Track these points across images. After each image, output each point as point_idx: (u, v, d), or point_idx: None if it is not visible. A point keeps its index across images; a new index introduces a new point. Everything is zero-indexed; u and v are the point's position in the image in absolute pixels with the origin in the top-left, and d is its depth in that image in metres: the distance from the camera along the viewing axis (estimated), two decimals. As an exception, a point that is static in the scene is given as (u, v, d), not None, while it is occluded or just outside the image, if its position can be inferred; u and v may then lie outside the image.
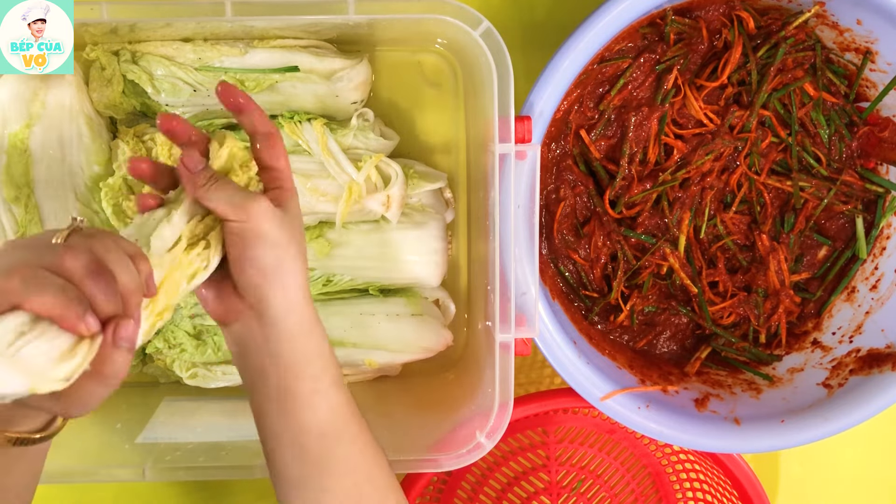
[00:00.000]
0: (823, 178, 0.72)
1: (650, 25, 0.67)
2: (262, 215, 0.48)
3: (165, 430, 0.67)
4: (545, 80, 0.60)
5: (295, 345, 0.50)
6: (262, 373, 0.51)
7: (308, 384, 0.50)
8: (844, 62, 0.70)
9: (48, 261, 0.40)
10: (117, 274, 0.41)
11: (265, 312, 0.49)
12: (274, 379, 0.50)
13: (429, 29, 0.66)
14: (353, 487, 0.51)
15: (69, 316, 0.39)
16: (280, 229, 0.49)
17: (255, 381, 0.51)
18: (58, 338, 0.40)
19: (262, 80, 0.65)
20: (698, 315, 0.73)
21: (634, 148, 0.69)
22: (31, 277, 0.39)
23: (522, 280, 0.60)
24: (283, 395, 0.50)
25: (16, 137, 0.62)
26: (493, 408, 0.60)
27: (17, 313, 0.39)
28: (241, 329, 0.51)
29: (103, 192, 0.64)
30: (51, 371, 0.40)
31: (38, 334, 0.39)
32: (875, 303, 0.71)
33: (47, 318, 0.39)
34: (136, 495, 0.79)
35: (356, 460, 0.52)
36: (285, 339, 0.50)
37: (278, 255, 0.49)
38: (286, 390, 0.50)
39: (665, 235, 0.71)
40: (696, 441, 0.66)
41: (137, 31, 0.62)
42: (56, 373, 0.40)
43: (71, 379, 0.40)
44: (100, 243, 0.43)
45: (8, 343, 0.38)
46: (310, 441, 0.50)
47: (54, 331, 0.40)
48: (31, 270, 0.39)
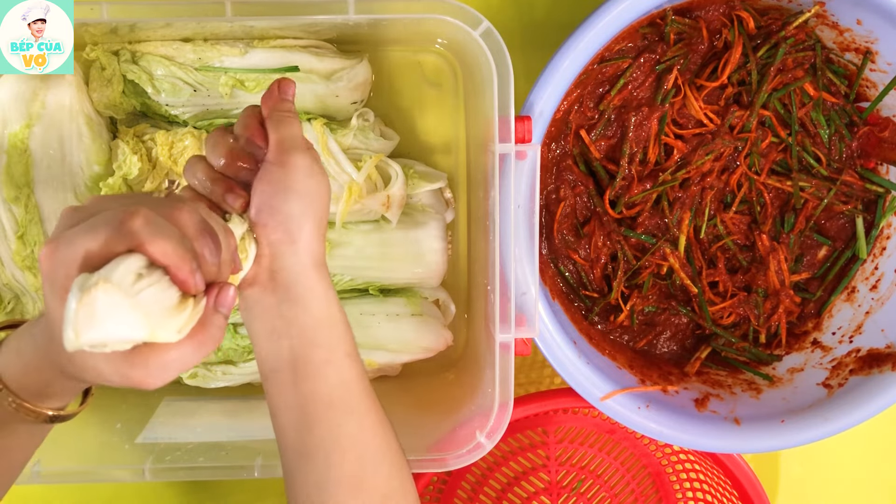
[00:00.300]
0: (823, 178, 0.72)
1: (650, 25, 0.67)
2: (302, 162, 0.48)
3: (165, 430, 0.67)
4: (545, 80, 0.60)
5: (309, 310, 0.49)
6: (272, 336, 0.49)
7: (321, 353, 0.49)
8: (844, 62, 0.70)
9: (165, 211, 0.40)
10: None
11: (279, 273, 0.48)
12: (286, 343, 0.48)
13: (429, 29, 0.66)
14: (357, 463, 0.49)
15: (183, 268, 0.39)
16: (311, 183, 0.48)
17: (265, 345, 0.49)
18: (168, 289, 0.39)
19: (262, 79, 0.65)
20: (698, 315, 0.73)
21: (634, 148, 0.69)
22: (153, 222, 0.39)
23: (522, 280, 0.60)
24: (294, 361, 0.48)
25: (16, 137, 0.63)
26: (493, 408, 0.60)
27: (136, 255, 0.38)
28: (254, 291, 0.49)
29: (103, 192, 0.64)
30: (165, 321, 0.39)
31: (153, 281, 0.39)
32: (875, 303, 0.71)
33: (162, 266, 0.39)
34: (136, 495, 0.79)
35: (364, 437, 0.50)
36: (299, 303, 0.48)
37: (303, 208, 0.48)
38: (297, 357, 0.48)
39: (665, 235, 0.71)
40: (696, 441, 0.66)
41: (137, 31, 0.63)
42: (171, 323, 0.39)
43: (182, 333, 0.40)
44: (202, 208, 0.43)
45: (130, 283, 0.37)
46: (318, 411, 0.48)
47: (166, 282, 0.39)
48: (153, 215, 0.39)
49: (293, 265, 0.48)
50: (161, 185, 0.64)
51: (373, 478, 0.50)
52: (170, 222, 0.40)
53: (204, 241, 0.41)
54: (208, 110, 0.67)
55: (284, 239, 0.48)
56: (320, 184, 0.49)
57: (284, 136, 0.49)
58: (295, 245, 0.48)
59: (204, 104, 0.66)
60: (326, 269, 0.50)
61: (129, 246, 0.38)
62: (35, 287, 0.66)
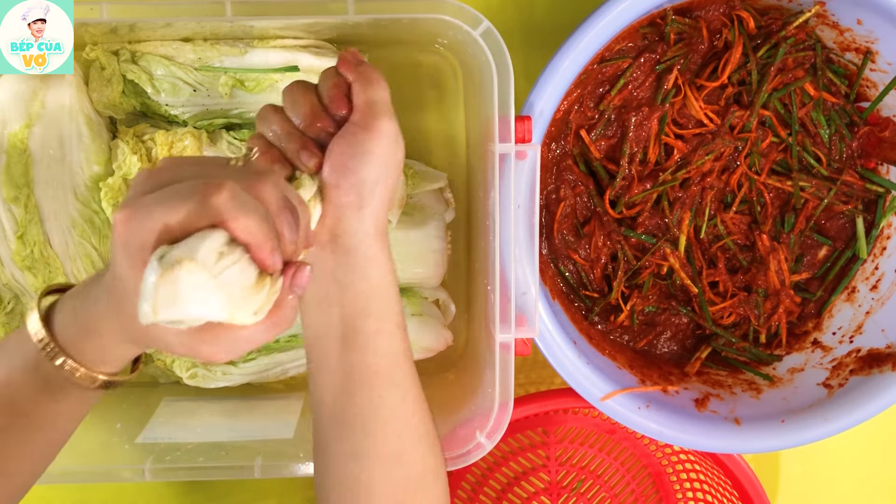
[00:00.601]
0: (824, 178, 0.72)
1: (650, 25, 0.67)
2: (388, 129, 0.47)
3: (165, 430, 0.67)
4: (545, 80, 0.60)
5: (366, 278, 0.47)
6: (324, 301, 0.47)
7: (373, 323, 0.48)
8: (845, 62, 0.70)
9: (248, 184, 0.39)
10: None
11: (341, 237, 0.47)
12: (337, 310, 0.47)
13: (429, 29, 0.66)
14: (396, 438, 0.48)
15: (266, 247, 0.38)
16: (392, 151, 0.48)
17: (315, 310, 0.48)
18: (248, 269, 0.38)
19: (261, 79, 0.65)
20: (698, 315, 0.73)
21: (634, 148, 0.69)
22: (237, 197, 0.37)
23: (522, 280, 0.60)
24: (343, 329, 0.47)
25: (15, 137, 0.62)
26: (493, 408, 0.60)
27: (219, 232, 0.37)
28: (312, 252, 0.47)
29: (103, 191, 0.64)
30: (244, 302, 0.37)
31: (234, 259, 0.37)
32: (875, 303, 0.71)
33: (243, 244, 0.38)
34: (136, 495, 0.79)
35: (405, 412, 0.49)
36: (357, 270, 0.47)
37: (378, 175, 0.47)
38: (348, 325, 0.47)
39: (665, 235, 0.71)
40: (696, 441, 0.66)
41: (137, 31, 0.62)
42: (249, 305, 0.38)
43: (258, 315, 0.39)
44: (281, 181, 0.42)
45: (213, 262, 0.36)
46: (362, 380, 0.47)
47: (246, 260, 0.38)
48: (238, 189, 0.38)
49: (357, 231, 0.47)
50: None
51: (410, 453, 0.49)
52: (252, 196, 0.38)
53: (285, 218, 0.40)
54: (208, 110, 0.67)
55: (354, 203, 0.46)
56: (399, 154, 0.49)
57: (375, 100, 0.48)
58: (362, 210, 0.47)
59: (204, 104, 0.66)
60: (388, 240, 0.49)
61: (213, 222, 0.37)
62: (35, 287, 0.66)
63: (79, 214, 0.65)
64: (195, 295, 0.35)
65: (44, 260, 0.65)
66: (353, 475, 0.48)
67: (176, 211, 0.36)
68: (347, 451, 0.48)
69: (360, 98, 0.48)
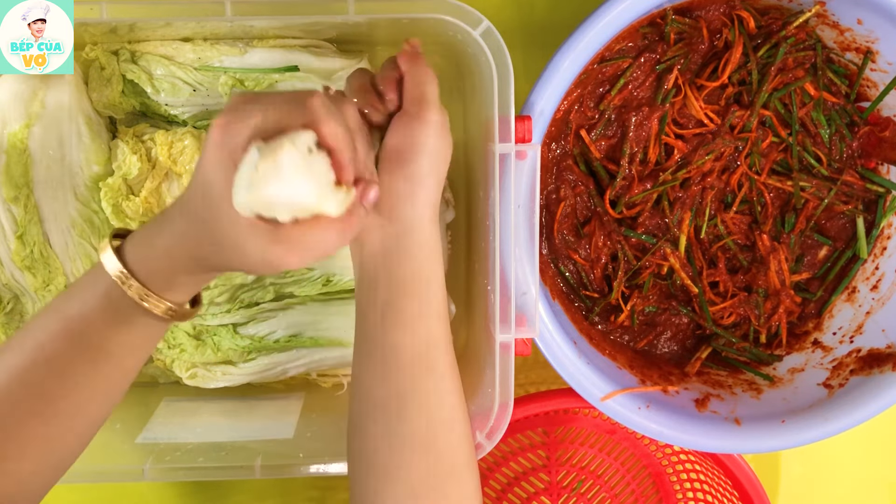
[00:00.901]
0: (824, 178, 0.72)
1: (650, 25, 0.67)
2: (437, 119, 0.50)
3: (165, 430, 0.67)
4: (545, 80, 0.60)
5: (414, 261, 0.49)
6: (372, 283, 0.50)
7: (415, 305, 0.49)
8: (845, 62, 0.70)
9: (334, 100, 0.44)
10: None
11: (391, 223, 0.49)
12: (383, 292, 0.49)
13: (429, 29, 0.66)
14: (427, 423, 0.49)
15: (346, 153, 0.43)
16: (441, 143, 0.50)
17: (363, 291, 0.50)
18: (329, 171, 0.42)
19: (261, 79, 0.65)
20: (699, 315, 0.73)
21: (635, 148, 0.69)
22: (327, 105, 0.43)
23: (522, 280, 0.60)
24: (387, 309, 0.49)
25: (15, 137, 0.62)
26: (493, 408, 0.60)
27: (309, 132, 0.42)
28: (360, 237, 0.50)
29: (103, 192, 0.64)
30: (329, 193, 0.42)
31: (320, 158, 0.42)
32: (876, 303, 0.71)
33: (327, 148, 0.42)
34: (136, 495, 0.79)
35: (440, 398, 0.50)
36: (407, 252, 0.49)
37: (430, 166, 0.49)
38: (392, 306, 0.49)
39: (665, 235, 0.71)
40: (696, 441, 0.66)
41: (137, 31, 0.62)
42: (334, 197, 0.42)
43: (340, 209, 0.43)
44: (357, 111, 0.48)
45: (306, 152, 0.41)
46: (401, 362, 0.49)
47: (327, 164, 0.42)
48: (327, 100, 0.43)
49: (410, 217, 0.49)
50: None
51: (443, 441, 0.49)
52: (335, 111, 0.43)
53: (362, 136, 0.46)
54: (208, 110, 0.67)
55: (407, 191, 0.49)
56: (448, 145, 0.51)
57: (425, 92, 0.50)
58: (415, 198, 0.49)
59: (203, 104, 0.66)
60: (438, 227, 0.51)
61: (306, 121, 0.41)
62: (34, 287, 0.65)
63: (78, 214, 0.65)
64: (293, 176, 0.40)
65: (43, 260, 0.65)
66: (385, 457, 0.48)
67: (276, 110, 0.41)
68: (380, 433, 0.49)
69: (413, 90, 0.50)
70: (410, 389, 0.49)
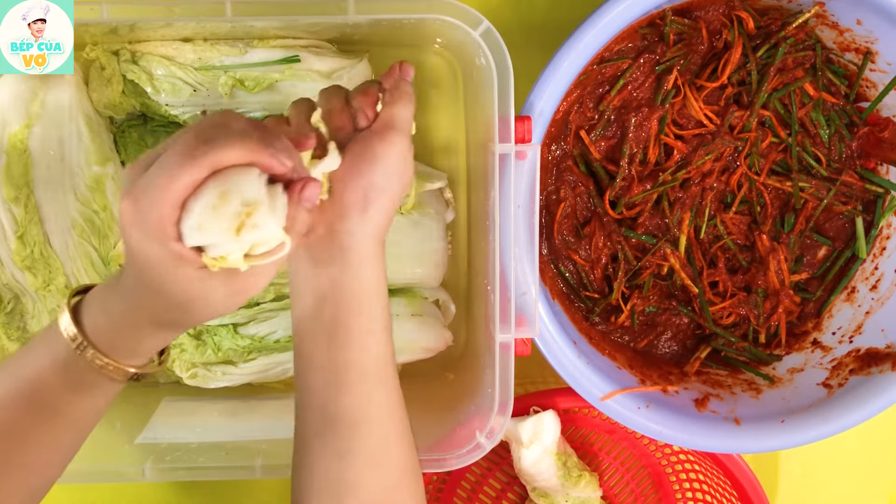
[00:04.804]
0: (823, 178, 0.72)
1: (650, 26, 0.67)
2: (400, 143, 0.49)
3: (165, 430, 0.67)
4: (545, 80, 0.60)
5: (360, 278, 0.49)
6: (316, 297, 0.49)
7: (364, 322, 0.49)
8: (844, 62, 0.70)
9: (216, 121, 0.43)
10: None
11: (340, 234, 0.48)
12: (329, 307, 0.49)
13: (429, 29, 0.66)
14: (382, 436, 0.49)
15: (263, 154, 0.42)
16: (400, 165, 0.49)
17: (307, 305, 0.49)
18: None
19: (261, 79, 0.65)
20: (699, 315, 0.73)
21: (634, 148, 0.69)
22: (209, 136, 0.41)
23: (522, 280, 0.60)
24: (335, 326, 0.49)
25: (15, 137, 0.62)
26: (493, 408, 0.60)
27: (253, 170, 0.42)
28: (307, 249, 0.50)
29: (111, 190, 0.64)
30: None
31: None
32: (875, 303, 0.71)
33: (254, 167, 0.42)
34: (136, 495, 0.79)
35: (391, 411, 0.50)
36: (350, 269, 0.49)
37: (386, 183, 0.48)
38: (339, 322, 0.48)
39: (665, 236, 0.71)
40: (696, 441, 0.66)
41: (137, 31, 0.62)
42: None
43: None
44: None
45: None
46: (350, 379, 0.48)
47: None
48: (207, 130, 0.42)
49: (357, 231, 0.48)
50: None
51: (394, 452, 0.50)
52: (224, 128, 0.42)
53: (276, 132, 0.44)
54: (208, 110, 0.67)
55: (359, 203, 0.48)
56: (406, 171, 0.50)
57: (396, 114, 0.50)
58: (366, 213, 0.48)
59: (204, 104, 0.66)
60: (384, 247, 0.51)
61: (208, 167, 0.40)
62: (35, 287, 0.66)
63: (79, 214, 0.65)
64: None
65: (44, 260, 0.65)
66: (337, 474, 0.48)
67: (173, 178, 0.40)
68: (332, 450, 0.48)
69: (385, 110, 0.50)
70: (363, 405, 0.48)
